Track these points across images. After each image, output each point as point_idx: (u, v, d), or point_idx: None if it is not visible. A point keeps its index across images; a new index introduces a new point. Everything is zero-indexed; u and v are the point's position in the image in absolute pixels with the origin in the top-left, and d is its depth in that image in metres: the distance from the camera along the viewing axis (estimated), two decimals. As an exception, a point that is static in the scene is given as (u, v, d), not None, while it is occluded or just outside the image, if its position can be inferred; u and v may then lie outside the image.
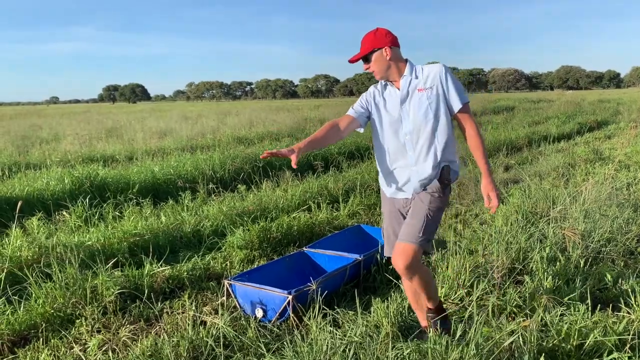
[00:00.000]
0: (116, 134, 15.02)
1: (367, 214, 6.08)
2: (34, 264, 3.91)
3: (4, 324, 3.24)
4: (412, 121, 2.66)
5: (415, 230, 2.65)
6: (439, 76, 2.64)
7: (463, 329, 2.66)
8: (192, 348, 2.84)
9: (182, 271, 4.20)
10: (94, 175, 6.95)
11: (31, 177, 7.41)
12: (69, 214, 5.52)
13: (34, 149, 12.07)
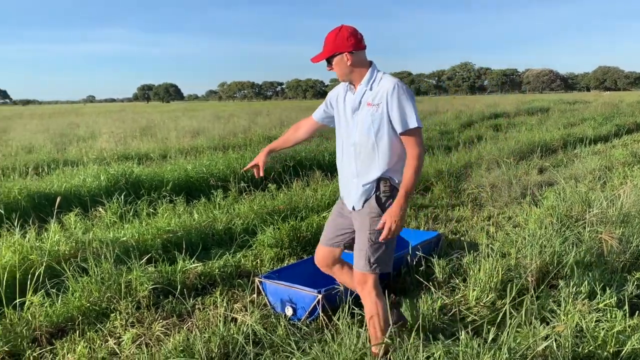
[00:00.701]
0: (150, 132, 15.31)
1: (397, 214, 6.03)
2: (71, 258, 4.02)
3: (42, 316, 3.34)
4: (358, 135, 2.61)
5: (361, 259, 2.63)
6: (387, 95, 2.52)
7: (495, 333, 2.62)
8: (223, 344, 2.88)
9: (213, 268, 4.26)
10: (129, 172, 7.11)
11: (69, 173, 7.62)
12: (104, 210, 5.66)
13: (71, 146, 12.40)
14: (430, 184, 7.30)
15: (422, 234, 4.80)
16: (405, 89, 2.53)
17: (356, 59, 2.58)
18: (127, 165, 7.79)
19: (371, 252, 2.61)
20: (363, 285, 2.66)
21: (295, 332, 3.03)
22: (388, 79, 2.57)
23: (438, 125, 16.70)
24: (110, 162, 8.94)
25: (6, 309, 3.29)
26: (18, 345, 3.06)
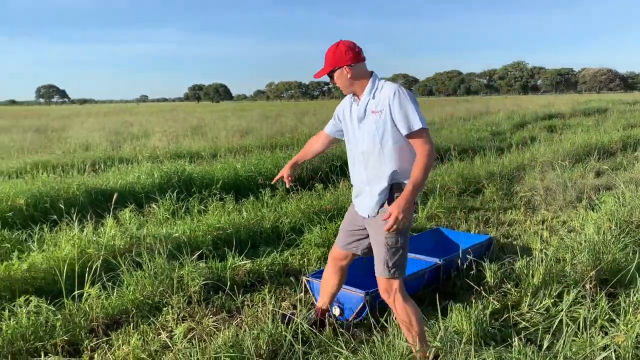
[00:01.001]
0: (201, 131, 15.64)
1: (447, 217, 5.94)
2: (126, 252, 4.16)
3: (99, 307, 3.47)
4: (366, 143, 2.69)
5: (381, 264, 2.67)
6: (388, 100, 2.58)
7: (550, 341, 2.53)
8: (272, 342, 2.90)
9: (261, 266, 4.31)
10: (181, 170, 7.29)
11: (124, 171, 7.88)
12: (157, 207, 5.82)
13: (125, 144, 12.83)
14: (481, 186, 7.14)
15: (473, 237, 4.70)
16: (406, 93, 2.58)
17: (356, 71, 2.67)
18: (179, 164, 8.00)
19: (389, 257, 2.64)
20: (389, 292, 2.69)
21: (343, 333, 3.02)
22: (389, 86, 2.63)
23: (489, 125, 16.34)
24: (163, 160, 9.19)
25: (66, 300, 3.44)
26: (77, 335, 3.19)
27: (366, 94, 2.68)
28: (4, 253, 4.29)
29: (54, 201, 5.81)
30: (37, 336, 3.10)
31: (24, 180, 6.87)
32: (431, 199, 6.30)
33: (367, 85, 2.68)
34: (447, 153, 9.57)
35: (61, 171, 7.87)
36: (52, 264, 3.91)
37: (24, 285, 3.76)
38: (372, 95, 2.66)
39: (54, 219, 5.19)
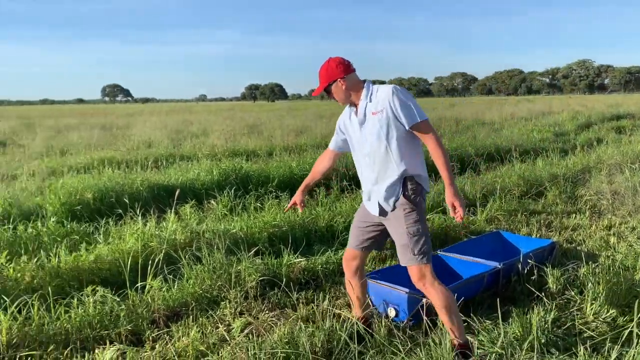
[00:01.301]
0: (257, 130, 15.91)
1: (507, 220, 5.77)
2: (187, 247, 4.29)
3: (160, 299, 3.59)
4: (369, 144, 2.80)
5: (407, 252, 2.76)
6: (387, 99, 2.71)
7: (619, 352, 2.41)
8: (327, 340, 2.91)
9: (316, 264, 4.33)
10: (238, 168, 7.44)
11: (184, 168, 8.12)
12: (216, 203, 5.96)
13: (185, 142, 13.22)
14: (543, 189, 6.89)
15: (535, 242, 4.54)
16: (402, 90, 2.75)
17: (349, 82, 2.83)
18: (236, 161, 8.17)
19: (413, 244, 2.74)
20: (422, 279, 2.77)
21: (399, 335, 2.98)
22: (385, 87, 2.78)
23: (552, 126, 15.76)
24: (221, 158, 9.42)
25: (129, 291, 3.58)
26: (139, 325, 3.32)
27: (363, 99, 2.82)
28: (73, 244, 4.51)
29: (119, 196, 6.06)
30: (102, 325, 3.25)
31: (91, 175, 7.22)
32: (491, 201, 6.13)
33: (362, 92, 2.83)
34: (507, 154, 9.29)
35: (125, 167, 8.21)
36: (117, 256, 4.08)
37: (91, 275, 3.94)
38: (369, 99, 2.80)
39: (119, 212, 5.42)
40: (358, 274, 3.16)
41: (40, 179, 7.69)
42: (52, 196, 5.94)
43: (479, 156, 9.23)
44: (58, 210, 5.66)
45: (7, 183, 7.34)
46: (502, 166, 8.50)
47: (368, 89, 2.82)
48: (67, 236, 4.64)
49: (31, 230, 4.63)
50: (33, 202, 5.91)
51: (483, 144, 10.56)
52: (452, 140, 11.48)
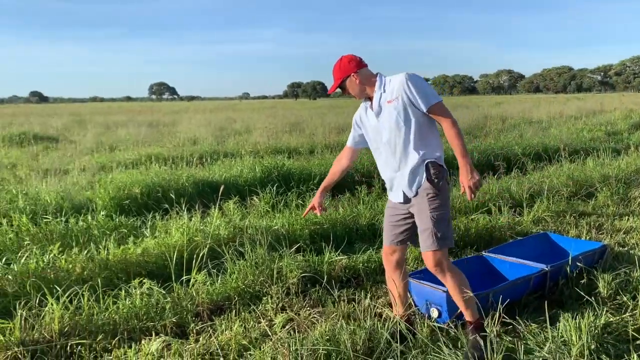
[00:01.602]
0: (299, 128, 15.99)
1: (554, 221, 5.59)
2: (230, 242, 4.35)
3: (204, 293, 3.66)
4: (388, 131, 2.86)
5: (429, 238, 2.82)
6: (401, 86, 2.79)
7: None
8: (368, 338, 2.90)
9: (357, 262, 4.32)
10: (280, 165, 7.50)
11: (228, 164, 8.25)
12: (259, 200, 6.03)
13: (229, 139, 13.42)
14: (594, 190, 6.65)
15: (584, 244, 4.39)
16: (414, 75, 2.82)
17: (363, 76, 2.92)
18: (278, 159, 8.23)
19: (437, 229, 2.80)
20: (439, 264, 2.86)
21: (442, 336, 2.94)
22: (397, 75, 2.86)
23: (603, 125, 15.20)
24: (264, 155, 9.51)
25: (175, 284, 3.67)
26: (184, 318, 3.39)
27: (377, 90, 2.90)
28: (121, 238, 4.65)
29: (165, 191, 6.21)
30: (148, 316, 3.33)
31: (139, 170, 7.42)
32: (538, 201, 5.96)
33: (376, 84, 2.91)
34: (556, 153, 9.01)
35: (172, 163, 8.41)
36: (163, 249, 4.18)
37: (138, 268, 4.05)
38: (382, 90, 2.88)
39: (165, 207, 5.55)
40: (399, 270, 3.15)
41: (91, 174, 7.97)
42: (102, 191, 6.15)
43: (525, 155, 8.98)
44: (107, 204, 5.85)
45: (60, 177, 7.63)
46: (550, 166, 8.25)
47: (381, 80, 2.91)
48: (115, 229, 4.79)
49: (82, 224, 4.81)
50: (84, 196, 6.13)
51: (530, 143, 10.28)
52: (497, 139, 11.23)
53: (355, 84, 2.92)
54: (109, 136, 15.12)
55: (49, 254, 3.99)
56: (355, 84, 2.92)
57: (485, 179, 7.01)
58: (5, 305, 3.42)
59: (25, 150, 12.28)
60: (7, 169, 9.40)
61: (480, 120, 17.08)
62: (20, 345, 2.89)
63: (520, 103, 34.72)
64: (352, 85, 2.93)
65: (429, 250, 2.84)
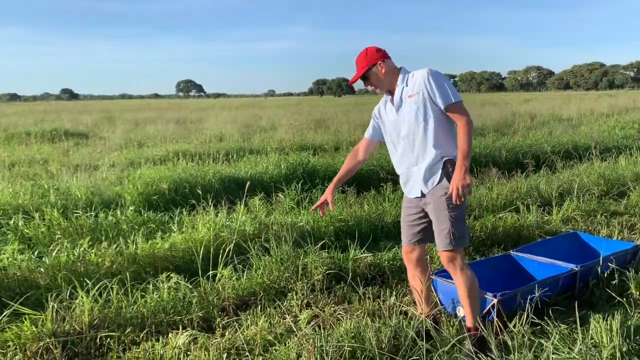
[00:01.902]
0: (324, 125, 15.99)
1: (585, 220, 5.47)
2: (255, 238, 4.38)
3: (230, 288, 3.69)
4: (407, 125, 2.86)
5: (446, 237, 2.82)
6: (423, 81, 2.79)
7: None
8: (393, 336, 2.88)
9: (383, 260, 4.30)
10: (305, 162, 7.52)
11: (253, 161, 8.30)
12: (284, 196, 6.05)
13: (255, 136, 13.51)
14: (626, 189, 6.48)
15: (616, 244, 4.28)
16: (437, 72, 2.82)
17: (388, 67, 2.91)
18: (303, 155, 8.24)
19: (454, 229, 2.80)
20: (454, 262, 2.86)
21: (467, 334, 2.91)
22: (420, 70, 2.85)
23: (637, 122, 14.78)
24: (289, 151, 9.54)
25: (201, 279, 3.71)
26: (210, 312, 3.43)
27: (399, 84, 2.89)
28: (149, 232, 4.72)
29: (192, 187, 6.29)
30: (175, 310, 3.38)
31: (166, 166, 7.52)
32: (568, 200, 5.85)
33: (399, 77, 2.90)
34: (586, 151, 8.82)
35: (198, 159, 8.50)
36: (190, 244, 4.23)
37: (165, 262, 4.11)
38: (405, 83, 2.88)
39: (192, 203, 5.62)
40: (420, 268, 3.14)
41: (120, 170, 8.11)
42: (131, 186, 6.25)
43: (555, 153, 8.82)
44: (136, 199, 5.95)
45: (90, 173, 7.79)
46: (581, 164, 8.07)
47: (404, 74, 2.91)
48: (144, 224, 4.87)
49: (111, 218, 4.90)
50: (113, 192, 6.25)
51: (560, 141, 10.08)
52: (526, 137, 11.04)
53: (380, 73, 2.90)
54: (138, 132, 15.37)
55: (79, 248, 4.08)
56: (381, 73, 2.89)
57: (514, 177, 6.91)
58: (37, 297, 3.51)
59: (57, 146, 12.57)
60: (40, 164, 9.64)
61: (509, 118, 16.81)
62: (51, 336, 2.96)
63: (549, 100, 34.07)
64: (377, 75, 2.90)
65: (444, 251, 2.85)
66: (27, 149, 12.06)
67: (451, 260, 2.86)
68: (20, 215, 4.89)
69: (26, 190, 5.89)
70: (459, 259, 2.86)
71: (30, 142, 13.42)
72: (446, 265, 2.91)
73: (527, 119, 17.15)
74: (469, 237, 2.92)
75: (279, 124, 16.77)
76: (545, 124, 15.21)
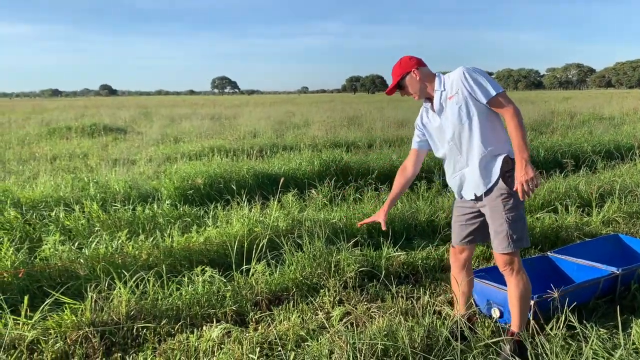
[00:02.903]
0: (357, 122, 15.93)
1: (627, 222, 5.30)
2: (288, 234, 4.39)
3: (263, 283, 3.72)
4: (452, 128, 2.81)
5: (504, 239, 2.75)
6: (460, 80, 2.75)
7: None
8: (426, 336, 2.85)
9: (416, 258, 4.27)
10: (338, 159, 7.51)
11: (286, 157, 8.34)
12: (317, 193, 6.06)
13: (288, 132, 13.56)
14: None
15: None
16: (473, 68, 2.77)
17: (423, 73, 2.87)
18: (336, 152, 8.24)
19: (512, 230, 2.74)
20: (511, 265, 2.81)
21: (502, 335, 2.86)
22: (454, 72, 2.81)
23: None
24: (322, 148, 9.55)
25: (235, 273, 3.75)
26: (243, 307, 3.46)
27: (438, 88, 2.85)
28: (184, 226, 4.80)
29: (226, 182, 6.36)
30: (210, 303, 3.43)
31: (202, 162, 7.63)
32: (609, 201, 5.67)
33: (435, 83, 2.86)
34: (629, 152, 8.54)
35: (233, 155, 8.60)
36: (224, 239, 4.28)
37: (200, 256, 4.17)
38: (442, 87, 2.84)
39: (227, 198, 5.68)
40: (465, 270, 3.11)
41: (156, 164, 8.28)
42: (167, 181, 6.37)
43: (595, 153, 8.57)
44: (172, 193, 6.06)
45: (128, 167, 7.97)
46: (623, 165, 7.82)
47: (440, 79, 2.87)
48: (179, 218, 4.95)
49: (148, 212, 5.00)
50: (150, 186, 6.37)
51: (600, 140, 9.79)
52: (565, 136, 10.77)
53: (415, 80, 2.86)
54: (174, 128, 15.64)
55: (117, 240, 4.18)
56: (416, 80, 2.86)
57: (552, 177, 6.75)
58: (77, 287, 3.61)
59: (96, 141, 12.91)
60: (80, 158, 9.92)
61: (547, 116, 16.44)
62: (90, 325, 3.04)
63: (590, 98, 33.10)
64: (412, 82, 2.87)
65: (502, 253, 2.79)
66: (67, 143, 12.43)
67: (509, 263, 2.80)
68: (61, 208, 5.03)
69: (67, 183, 6.06)
70: (516, 262, 2.80)
71: (71, 137, 13.83)
72: (502, 268, 2.85)
73: (567, 117, 16.72)
74: (528, 237, 2.84)
75: (312, 121, 16.80)
76: (585, 123, 14.80)
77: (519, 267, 2.81)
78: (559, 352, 2.55)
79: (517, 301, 2.82)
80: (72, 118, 20.41)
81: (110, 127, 16.46)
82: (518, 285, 2.81)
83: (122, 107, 33.50)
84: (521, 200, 2.74)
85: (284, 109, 26.35)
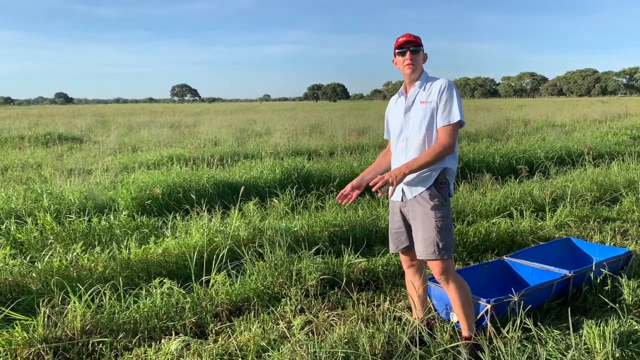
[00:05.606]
0: (319, 130, 16.00)
1: (578, 226, 5.49)
2: (249, 243, 4.36)
3: (224, 294, 3.67)
4: (410, 129, 2.88)
5: (430, 246, 2.78)
6: (438, 91, 2.79)
7: None
8: (387, 342, 2.88)
9: (377, 265, 4.30)
10: (300, 167, 7.51)
11: (248, 165, 8.29)
12: (278, 201, 6.04)
13: (249, 141, 13.50)
14: (619, 195, 6.52)
15: (608, 250, 4.30)
16: (455, 88, 2.81)
17: (423, 61, 2.94)
18: (298, 160, 8.24)
19: (439, 238, 2.77)
20: (446, 273, 2.83)
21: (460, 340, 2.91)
22: (441, 79, 2.86)
23: (629, 129, 14.88)
24: (284, 156, 9.53)
25: (194, 284, 3.69)
26: (203, 318, 3.41)
27: (417, 85, 2.89)
28: (142, 237, 4.70)
29: (186, 191, 6.27)
30: (168, 316, 3.36)
31: (160, 171, 7.49)
32: (561, 206, 5.87)
33: (421, 77, 2.91)
34: (579, 157, 8.87)
35: (193, 164, 8.48)
36: (183, 249, 4.21)
37: (159, 267, 4.09)
38: (422, 87, 2.88)
39: (186, 208, 5.60)
40: (419, 274, 3.14)
41: (113, 174, 8.08)
42: (124, 191, 6.23)
43: (548, 159, 8.86)
44: (129, 204, 5.92)
45: (83, 177, 7.76)
46: (574, 170, 8.12)
47: (426, 76, 2.92)
48: (137, 229, 4.85)
49: (104, 223, 4.87)
50: (106, 196, 6.22)
51: (553, 147, 10.14)
52: (519, 143, 11.09)
53: (422, 59, 2.92)
54: (132, 137, 15.32)
55: (72, 253, 4.06)
56: (422, 59, 2.92)
57: (507, 183, 6.94)
58: (29, 302, 3.48)
59: (51, 150, 12.52)
60: (33, 168, 9.59)
61: (502, 124, 16.91)
62: (43, 342, 2.94)
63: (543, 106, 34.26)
64: (420, 58, 2.90)
65: (435, 259, 2.81)
66: (20, 153, 12.00)
67: (443, 272, 2.83)
68: (12, 220, 4.86)
69: (19, 195, 5.85)
70: (450, 269, 2.83)
71: (24, 146, 13.36)
72: (436, 276, 2.88)
73: (521, 125, 17.26)
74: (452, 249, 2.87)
75: (273, 129, 16.76)
76: (538, 130, 15.30)
77: (454, 273, 2.86)
78: (515, 354, 2.61)
79: (461, 307, 2.86)
80: (25, 127, 19.72)
81: (65, 136, 16.00)
82: (457, 292, 2.85)
83: (78, 115, 32.62)
84: (450, 212, 2.86)
85: (245, 117, 26.22)
